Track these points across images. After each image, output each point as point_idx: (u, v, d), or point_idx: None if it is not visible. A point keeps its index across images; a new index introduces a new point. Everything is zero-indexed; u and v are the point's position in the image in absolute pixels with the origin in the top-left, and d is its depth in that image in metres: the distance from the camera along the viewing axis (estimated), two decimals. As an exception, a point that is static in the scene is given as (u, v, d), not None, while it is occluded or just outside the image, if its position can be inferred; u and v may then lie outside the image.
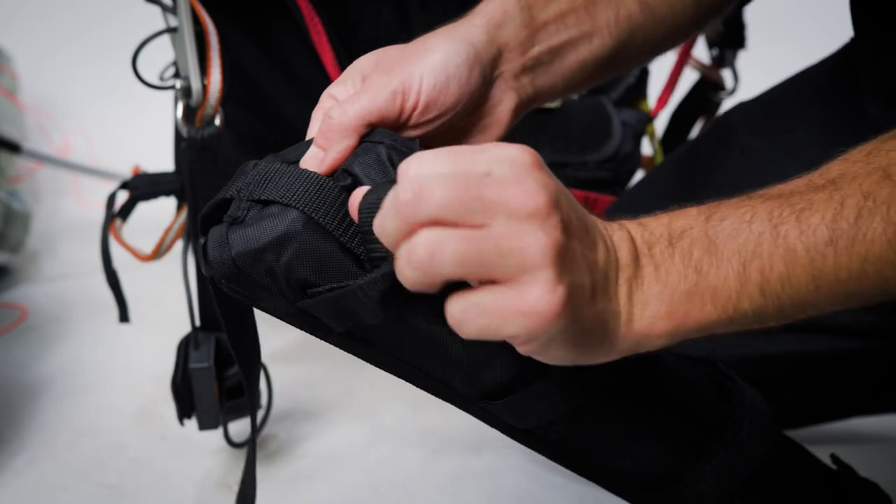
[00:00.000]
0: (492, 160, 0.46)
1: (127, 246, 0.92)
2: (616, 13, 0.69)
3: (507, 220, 0.45)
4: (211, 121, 0.86)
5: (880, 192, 0.50)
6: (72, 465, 1.00)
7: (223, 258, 0.52)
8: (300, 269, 0.52)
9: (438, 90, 0.59)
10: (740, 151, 0.90)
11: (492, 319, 0.45)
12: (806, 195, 0.51)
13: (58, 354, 1.22)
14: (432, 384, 0.60)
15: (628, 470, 0.66)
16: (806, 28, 1.96)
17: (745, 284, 0.50)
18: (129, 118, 1.83)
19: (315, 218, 0.52)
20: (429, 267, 0.44)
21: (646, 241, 0.52)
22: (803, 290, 0.50)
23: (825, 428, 1.01)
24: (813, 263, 0.50)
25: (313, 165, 0.55)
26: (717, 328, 0.52)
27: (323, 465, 1.00)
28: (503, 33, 0.64)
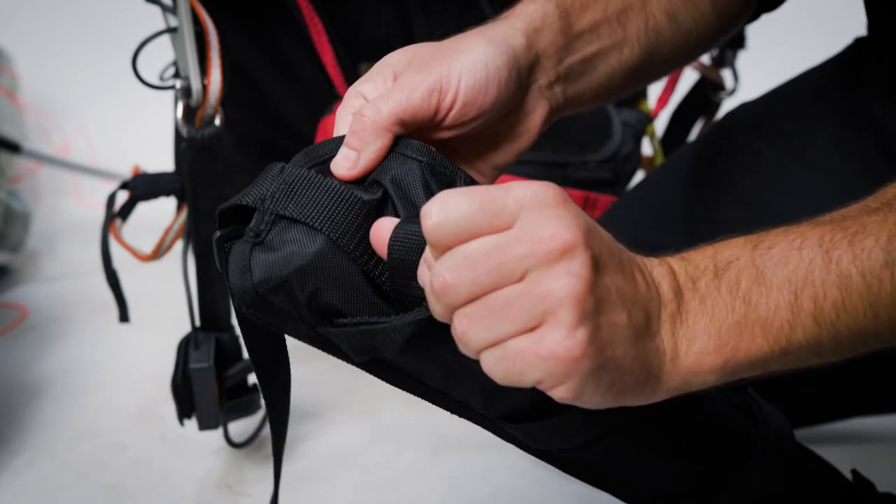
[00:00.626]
0: (519, 202, 0.44)
1: (127, 246, 0.92)
2: (645, 24, 0.68)
3: (537, 268, 0.44)
4: (211, 121, 0.85)
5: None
6: (72, 465, 1.00)
7: (244, 286, 0.50)
8: (323, 297, 0.50)
9: (477, 90, 0.56)
10: (742, 152, 0.90)
11: (514, 365, 0.44)
12: (859, 218, 0.49)
13: (58, 354, 1.22)
14: (450, 404, 0.58)
15: (643, 488, 0.64)
16: (806, 28, 1.96)
17: (797, 314, 0.48)
18: (129, 118, 1.83)
19: (341, 245, 0.50)
20: (466, 343, 0.45)
21: (689, 276, 0.49)
22: (860, 318, 0.48)
23: (827, 428, 1.01)
24: (869, 289, 0.47)
25: (345, 168, 0.53)
26: (772, 363, 0.49)
27: (323, 465, 1.00)
28: (542, 39, 0.61)
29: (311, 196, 0.50)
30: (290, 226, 0.50)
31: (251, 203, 0.51)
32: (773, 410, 0.67)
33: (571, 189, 1.10)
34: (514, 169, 1.09)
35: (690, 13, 0.72)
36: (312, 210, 0.50)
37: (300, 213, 0.50)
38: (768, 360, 0.49)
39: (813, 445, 0.74)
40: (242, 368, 0.93)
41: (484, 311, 0.44)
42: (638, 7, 0.68)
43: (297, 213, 0.50)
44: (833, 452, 0.75)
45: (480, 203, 0.44)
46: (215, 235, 0.52)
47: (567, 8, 0.64)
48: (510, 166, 0.64)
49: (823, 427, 1.01)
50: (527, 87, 0.61)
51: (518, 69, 0.59)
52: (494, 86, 0.57)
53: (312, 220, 0.50)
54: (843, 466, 0.74)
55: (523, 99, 0.61)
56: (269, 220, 0.50)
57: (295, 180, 0.51)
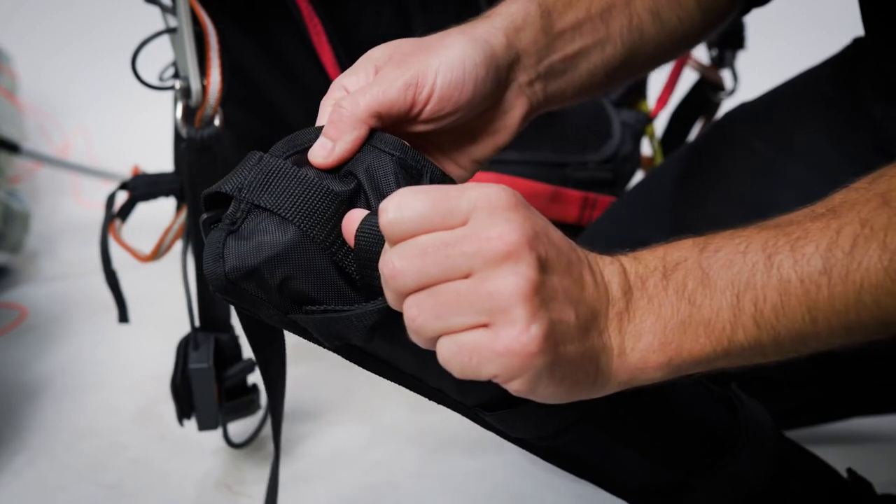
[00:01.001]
0: (472, 203, 0.47)
1: (126, 246, 0.92)
2: (629, 22, 0.69)
3: (483, 267, 0.46)
4: (210, 121, 0.85)
5: (878, 219, 0.48)
6: (71, 465, 1.00)
7: (217, 273, 0.52)
8: (293, 285, 0.52)
9: (453, 86, 0.58)
10: (741, 152, 0.90)
11: (471, 359, 0.46)
12: (803, 224, 0.50)
13: (57, 354, 1.22)
14: (427, 391, 0.60)
15: (624, 479, 0.66)
16: (805, 28, 1.96)
17: (738, 316, 0.49)
18: (128, 118, 1.83)
19: (312, 236, 0.52)
20: (417, 330, 0.47)
21: (639, 275, 0.51)
22: (799, 322, 0.49)
23: (826, 428, 1.01)
24: (808, 294, 0.48)
25: (321, 156, 0.55)
26: (716, 361, 0.51)
27: (322, 465, 1.00)
28: (522, 38, 0.63)
29: (286, 187, 0.52)
30: (265, 215, 0.52)
31: (229, 191, 0.53)
32: (755, 406, 0.68)
33: (571, 189, 1.10)
34: (514, 169, 1.09)
35: (675, 11, 0.72)
36: (285, 201, 0.52)
37: (274, 204, 0.52)
38: (711, 359, 0.50)
39: (812, 445, 0.74)
40: (242, 369, 0.93)
41: (432, 301, 0.46)
42: (622, 5, 0.69)
43: (270, 204, 0.52)
44: (832, 452, 0.75)
45: (435, 201, 0.46)
46: (201, 218, 0.54)
47: (549, 7, 0.65)
48: (490, 160, 0.65)
49: (822, 427, 1.01)
50: (506, 84, 0.63)
51: (496, 67, 0.60)
52: (471, 82, 0.58)
53: (285, 210, 0.52)
54: (842, 466, 0.74)
55: (503, 96, 0.63)
56: (245, 209, 0.52)
57: (271, 171, 0.53)
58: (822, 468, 0.72)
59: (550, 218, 1.16)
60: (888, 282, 0.47)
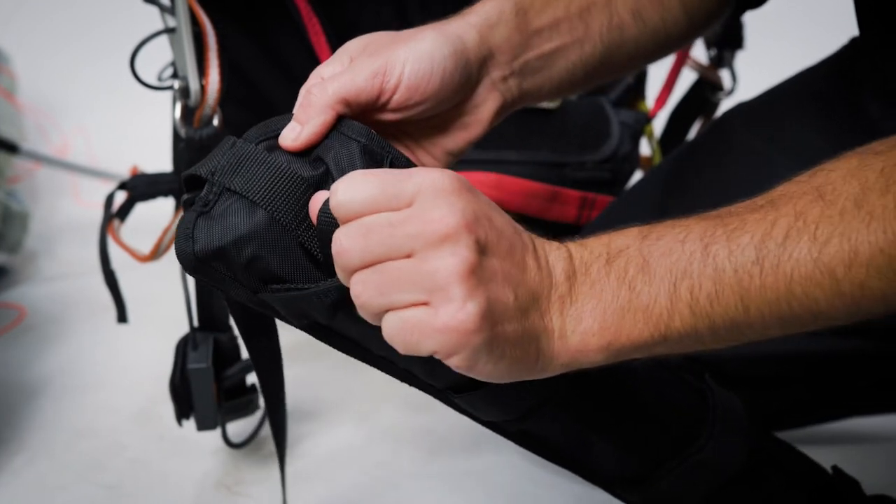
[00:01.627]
0: (417, 186, 0.49)
1: (125, 246, 0.92)
2: (609, 21, 0.70)
3: (424, 247, 0.48)
4: (209, 121, 0.86)
5: (811, 212, 0.50)
6: (70, 466, 1.00)
7: (186, 252, 0.55)
8: (260, 265, 0.55)
9: (420, 77, 0.60)
10: (739, 152, 0.90)
11: (412, 335, 0.48)
12: (742, 215, 0.52)
13: (56, 355, 1.22)
14: (398, 372, 0.62)
15: (597, 465, 0.67)
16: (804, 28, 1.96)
17: (675, 303, 0.51)
18: (127, 118, 1.83)
19: (279, 218, 0.54)
20: (362, 305, 0.49)
21: (584, 261, 0.53)
22: (732, 311, 0.50)
23: (823, 428, 1.01)
24: (740, 283, 0.50)
25: (289, 139, 0.57)
26: (655, 347, 0.52)
27: (321, 466, 1.00)
28: (496, 35, 0.65)
29: (255, 172, 0.55)
30: (235, 198, 0.54)
31: (203, 174, 0.55)
32: (729, 397, 0.69)
33: (570, 189, 1.10)
34: (513, 169, 1.09)
35: (658, 12, 0.73)
36: (254, 185, 0.54)
37: (243, 188, 0.54)
38: (650, 345, 0.52)
39: (805, 445, 0.74)
40: (241, 369, 0.93)
41: (376, 278, 0.48)
42: (602, 4, 0.70)
43: (240, 187, 0.54)
44: (827, 452, 0.75)
45: (382, 184, 0.49)
46: (183, 198, 0.57)
47: (526, 6, 0.67)
48: (464, 153, 0.68)
49: (819, 427, 1.01)
50: (478, 79, 0.65)
51: (466, 61, 0.62)
52: (438, 74, 0.60)
53: (253, 194, 0.54)
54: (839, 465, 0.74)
55: (474, 90, 0.65)
56: (217, 192, 0.55)
57: (243, 155, 0.55)
58: (806, 465, 0.72)
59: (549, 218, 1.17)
60: (817, 273, 0.49)
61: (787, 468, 0.71)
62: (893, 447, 1.02)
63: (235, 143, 0.56)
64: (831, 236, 0.49)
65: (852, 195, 0.50)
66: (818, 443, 0.99)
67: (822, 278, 0.49)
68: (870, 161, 0.51)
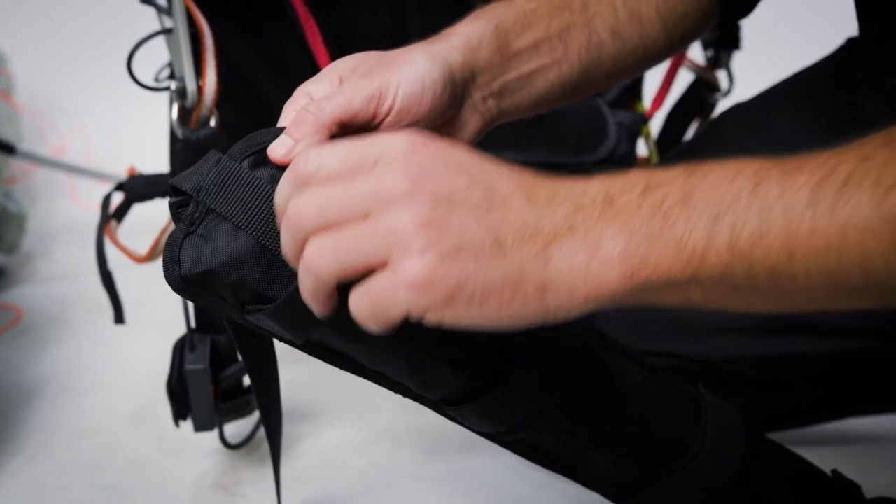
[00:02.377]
0: (379, 150, 0.49)
1: (122, 247, 0.92)
2: (588, 41, 0.71)
3: (379, 207, 0.47)
4: (206, 122, 0.86)
5: (877, 156, 0.45)
6: (69, 466, 1.00)
7: (174, 275, 0.55)
8: (246, 287, 0.55)
9: (413, 99, 0.60)
10: (736, 152, 0.90)
11: (379, 303, 0.46)
12: (802, 159, 0.48)
13: (54, 355, 1.22)
14: (391, 385, 0.62)
15: (592, 473, 0.68)
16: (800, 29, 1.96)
17: (713, 239, 0.46)
18: (124, 119, 1.83)
19: (263, 242, 0.54)
20: (317, 273, 0.48)
21: (611, 193, 0.48)
22: (775, 256, 0.45)
23: (822, 429, 1.01)
24: (789, 226, 0.45)
25: (280, 153, 0.56)
26: (686, 289, 0.47)
27: (319, 466, 1.00)
28: (478, 57, 0.65)
29: (240, 194, 0.55)
30: (220, 219, 0.55)
31: (188, 190, 0.55)
32: (723, 405, 0.69)
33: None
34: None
35: (637, 31, 0.73)
36: (239, 209, 0.55)
37: (228, 211, 0.55)
38: (680, 284, 0.47)
39: (807, 446, 0.74)
40: (238, 370, 0.93)
41: (331, 241, 0.47)
42: (581, 25, 0.71)
43: (225, 210, 0.55)
44: (830, 453, 0.75)
45: (348, 150, 0.49)
46: (170, 201, 0.57)
47: (506, 29, 0.67)
48: None
49: (818, 427, 1.01)
50: (462, 100, 0.65)
51: (453, 83, 0.63)
52: (429, 96, 0.61)
53: (237, 219, 0.54)
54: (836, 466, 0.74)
55: (459, 111, 0.65)
56: (203, 211, 0.55)
57: (228, 174, 0.55)
58: (804, 468, 0.72)
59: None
60: (875, 222, 0.43)
61: (784, 474, 0.71)
62: (890, 447, 1.02)
63: (220, 160, 0.56)
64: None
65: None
66: (818, 444, 0.99)
67: (881, 229, 0.43)
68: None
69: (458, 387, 0.60)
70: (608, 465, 0.66)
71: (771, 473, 0.70)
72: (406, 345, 0.59)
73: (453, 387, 0.61)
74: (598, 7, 0.72)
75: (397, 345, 0.58)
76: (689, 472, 0.66)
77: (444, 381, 0.61)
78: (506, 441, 0.66)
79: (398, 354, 0.60)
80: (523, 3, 0.70)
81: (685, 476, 0.66)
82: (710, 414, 0.67)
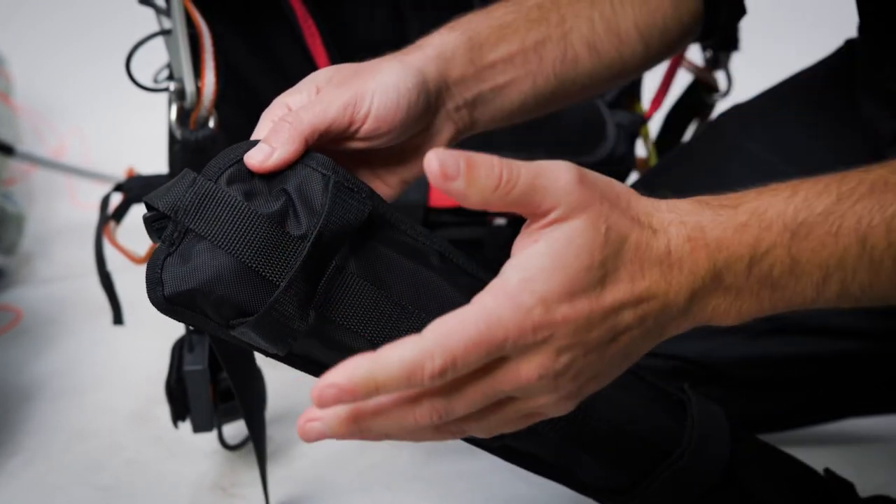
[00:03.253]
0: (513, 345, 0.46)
1: (121, 248, 0.92)
2: (563, 55, 0.72)
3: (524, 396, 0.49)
4: (205, 123, 0.86)
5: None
6: (67, 467, 1.00)
7: (157, 296, 0.57)
8: (229, 304, 0.56)
9: (388, 108, 0.61)
10: (734, 153, 0.90)
11: (521, 424, 0.51)
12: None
13: (53, 356, 1.22)
14: None
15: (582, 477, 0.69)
16: (799, 31, 1.96)
17: (822, 293, 0.50)
18: (123, 120, 1.83)
19: (242, 260, 0.55)
20: (456, 434, 0.51)
21: (721, 268, 0.50)
22: (885, 292, 0.50)
23: (816, 429, 1.01)
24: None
25: (258, 160, 0.57)
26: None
27: (317, 468, 1.00)
28: (451, 68, 0.66)
29: (217, 213, 0.55)
30: (198, 239, 0.56)
31: (165, 210, 0.56)
32: (709, 406, 0.70)
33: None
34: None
35: (614, 45, 0.74)
36: (216, 228, 0.55)
37: (206, 231, 0.56)
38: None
39: (801, 446, 0.74)
40: (237, 370, 0.93)
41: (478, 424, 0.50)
42: (557, 38, 0.72)
43: (203, 230, 0.56)
44: (824, 454, 0.75)
45: (476, 355, 0.45)
46: (144, 215, 0.58)
47: (481, 41, 0.68)
48: (415, 180, 0.69)
49: (813, 428, 1.01)
50: (435, 109, 0.66)
51: (427, 93, 0.64)
52: (404, 105, 0.62)
53: (216, 238, 0.55)
54: (835, 467, 0.74)
55: (432, 120, 0.67)
56: (182, 231, 0.56)
57: (204, 194, 0.56)
58: (795, 467, 0.72)
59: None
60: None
61: (775, 473, 0.71)
62: (888, 447, 1.02)
63: (196, 180, 0.56)
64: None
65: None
66: (812, 444, 0.99)
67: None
68: None
69: None
70: (597, 468, 0.67)
71: (761, 473, 0.70)
72: None
73: None
74: (575, 21, 0.73)
75: None
76: (677, 473, 0.66)
77: None
78: (494, 447, 0.67)
79: None
80: (500, 16, 0.71)
81: (673, 476, 0.66)
82: (696, 415, 0.68)
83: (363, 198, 0.58)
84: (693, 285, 0.50)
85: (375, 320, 0.59)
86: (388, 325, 0.59)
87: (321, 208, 0.56)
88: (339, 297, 0.57)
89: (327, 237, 0.56)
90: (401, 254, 0.61)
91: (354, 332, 0.58)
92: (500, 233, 1.10)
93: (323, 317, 0.57)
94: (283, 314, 0.54)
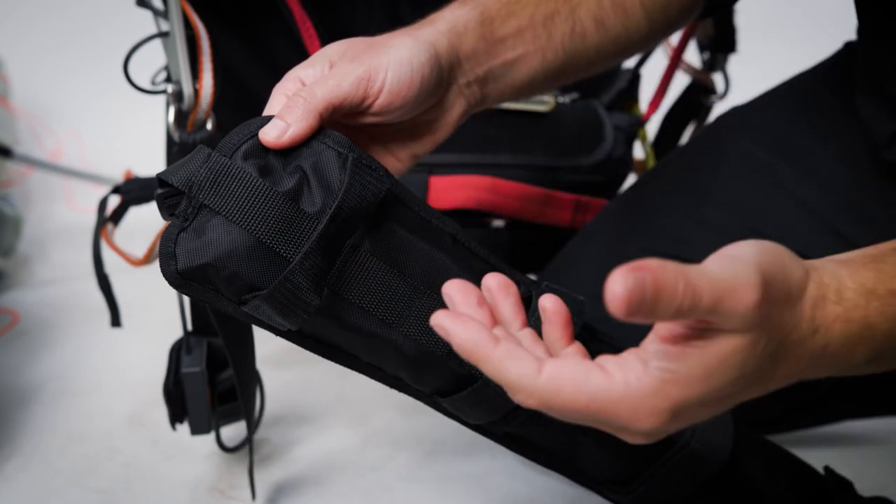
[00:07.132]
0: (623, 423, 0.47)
1: (119, 250, 0.92)
2: (571, 29, 0.72)
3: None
4: (203, 125, 0.85)
5: None
6: (63, 470, 0.99)
7: (170, 270, 0.56)
8: (241, 279, 0.56)
9: (401, 83, 0.61)
10: (733, 156, 0.90)
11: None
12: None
13: (50, 359, 1.21)
14: (386, 378, 0.63)
15: (585, 466, 0.69)
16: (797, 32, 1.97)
17: (873, 364, 0.51)
18: (120, 122, 1.83)
19: (256, 235, 0.55)
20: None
21: (876, 349, 0.51)
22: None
23: (819, 430, 1.01)
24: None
25: (273, 136, 0.57)
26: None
27: (316, 469, 1.00)
28: (463, 43, 0.66)
29: (232, 189, 0.55)
30: (212, 214, 0.56)
31: (179, 185, 0.56)
32: None
33: (563, 192, 1.11)
34: (507, 172, 1.09)
35: (620, 19, 0.75)
36: (230, 203, 0.55)
37: (220, 206, 0.55)
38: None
39: (801, 447, 0.74)
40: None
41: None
42: (565, 13, 0.72)
43: (217, 206, 0.55)
44: (823, 454, 0.75)
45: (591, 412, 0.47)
46: (156, 192, 0.57)
47: (492, 15, 0.68)
48: (426, 155, 0.69)
49: (813, 430, 1.01)
50: (447, 84, 0.66)
51: (440, 68, 0.64)
52: (418, 80, 0.62)
53: (230, 213, 0.55)
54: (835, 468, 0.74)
55: (444, 95, 0.67)
56: (196, 206, 0.56)
57: (219, 170, 0.56)
58: (795, 465, 0.72)
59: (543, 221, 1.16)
60: None
61: (774, 466, 0.71)
62: (888, 448, 1.02)
63: (210, 155, 0.56)
64: None
65: None
66: (812, 444, 0.99)
67: None
68: None
69: (452, 376, 0.62)
70: (600, 457, 0.67)
71: (761, 464, 0.70)
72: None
73: (448, 376, 0.62)
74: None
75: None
76: (681, 461, 0.67)
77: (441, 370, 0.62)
78: (499, 435, 0.66)
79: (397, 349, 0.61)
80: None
81: (676, 465, 0.67)
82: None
83: (381, 176, 0.59)
84: (836, 367, 0.51)
85: (388, 300, 0.59)
86: (401, 305, 0.59)
87: (338, 185, 0.56)
88: (354, 275, 0.58)
89: (345, 213, 0.56)
90: (415, 235, 0.61)
91: (367, 310, 0.59)
92: (499, 234, 1.10)
93: (336, 294, 0.58)
94: (297, 286, 0.55)
